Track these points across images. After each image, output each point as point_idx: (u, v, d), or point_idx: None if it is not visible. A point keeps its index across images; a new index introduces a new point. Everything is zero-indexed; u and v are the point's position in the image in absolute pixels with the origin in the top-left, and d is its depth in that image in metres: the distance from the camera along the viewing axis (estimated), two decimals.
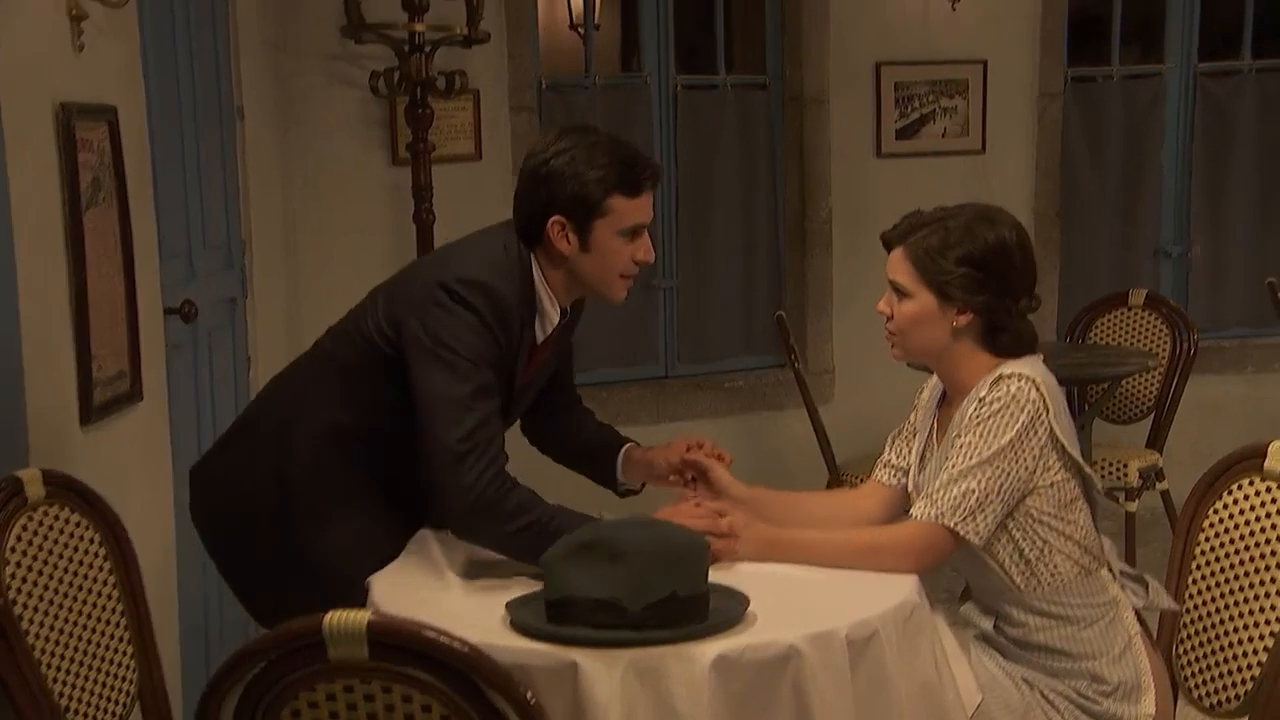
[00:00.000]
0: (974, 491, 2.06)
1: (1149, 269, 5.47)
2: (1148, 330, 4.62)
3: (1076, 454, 2.14)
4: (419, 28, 3.90)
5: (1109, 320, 4.69)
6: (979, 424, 2.09)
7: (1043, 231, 5.29)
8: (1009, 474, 2.07)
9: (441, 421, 2.10)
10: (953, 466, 2.09)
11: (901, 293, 2.15)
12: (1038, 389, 2.08)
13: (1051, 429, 2.09)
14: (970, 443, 2.09)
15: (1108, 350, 4.43)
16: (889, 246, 2.19)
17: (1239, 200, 5.44)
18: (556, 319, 2.28)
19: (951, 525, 2.07)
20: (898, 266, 2.15)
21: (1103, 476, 4.23)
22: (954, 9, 4.98)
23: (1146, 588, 2.19)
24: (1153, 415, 4.52)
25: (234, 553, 2.41)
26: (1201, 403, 5.29)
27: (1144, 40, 5.49)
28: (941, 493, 2.08)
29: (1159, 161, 5.40)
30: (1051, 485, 2.12)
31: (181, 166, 3.12)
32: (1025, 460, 2.08)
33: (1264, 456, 2.12)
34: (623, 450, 2.49)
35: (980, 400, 2.12)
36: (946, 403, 2.25)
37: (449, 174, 4.26)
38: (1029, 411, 2.07)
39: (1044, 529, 2.14)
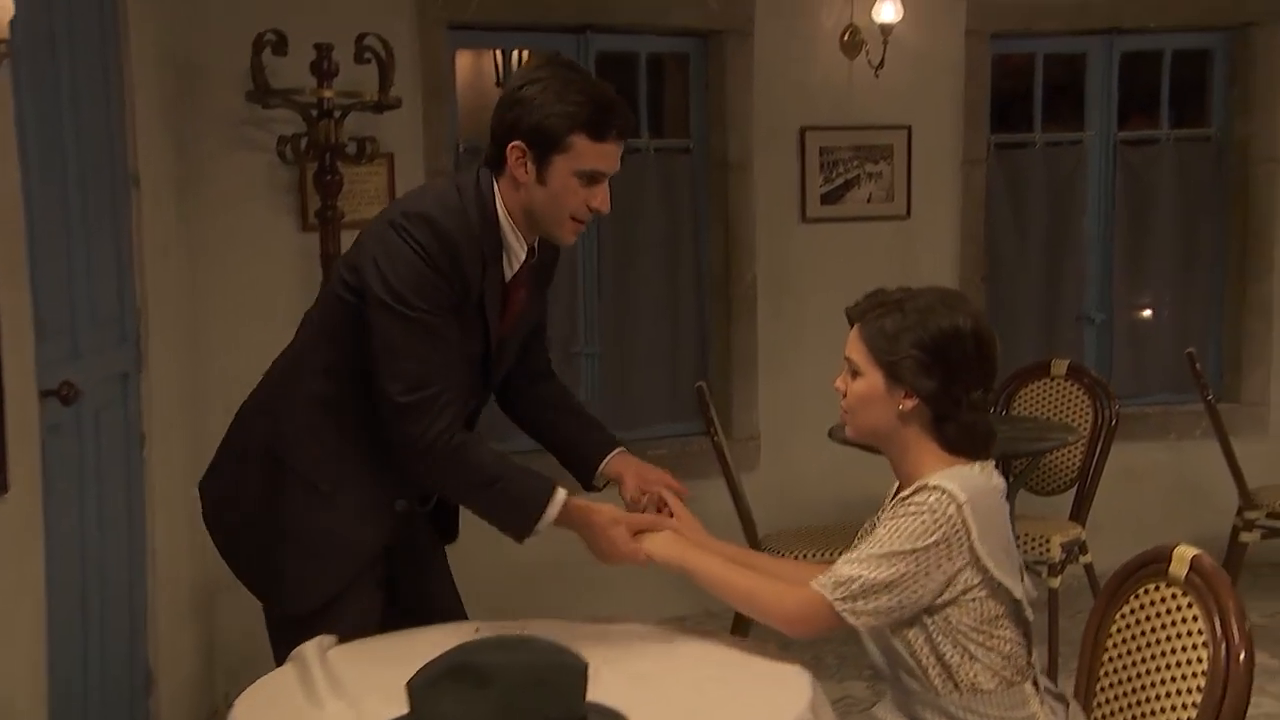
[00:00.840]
0: (861, 577, 2.02)
1: (1073, 335, 5.47)
2: (1070, 401, 4.59)
3: (1008, 579, 2.04)
4: (327, 94, 3.79)
5: (1032, 390, 4.67)
6: (892, 520, 2.05)
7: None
8: (905, 575, 2.01)
9: (385, 372, 2.12)
10: (857, 550, 2.06)
11: (855, 370, 2.11)
12: (959, 508, 2.00)
13: (974, 551, 2.01)
14: (879, 535, 2.05)
15: (1028, 423, 4.39)
16: (850, 322, 2.16)
17: (1160, 267, 5.48)
18: (523, 255, 2.26)
19: (831, 599, 2.02)
20: (854, 344, 2.12)
21: (1025, 552, 4.18)
22: (877, 75, 4.97)
23: (1067, 707, 2.11)
24: (1076, 487, 4.49)
25: (239, 543, 2.40)
26: (1126, 470, 5.28)
27: (1066, 108, 5.53)
28: (837, 569, 2.05)
29: (1081, 228, 5.42)
30: (973, 600, 2.05)
31: (66, 240, 2.99)
32: (930, 572, 2.01)
33: (1168, 561, 2.06)
34: (607, 459, 2.48)
35: (903, 499, 2.06)
36: (897, 495, 2.20)
37: None
38: (943, 531, 2.00)
39: (965, 639, 2.07)
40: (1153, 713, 2.01)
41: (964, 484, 2.03)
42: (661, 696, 1.95)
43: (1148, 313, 5.55)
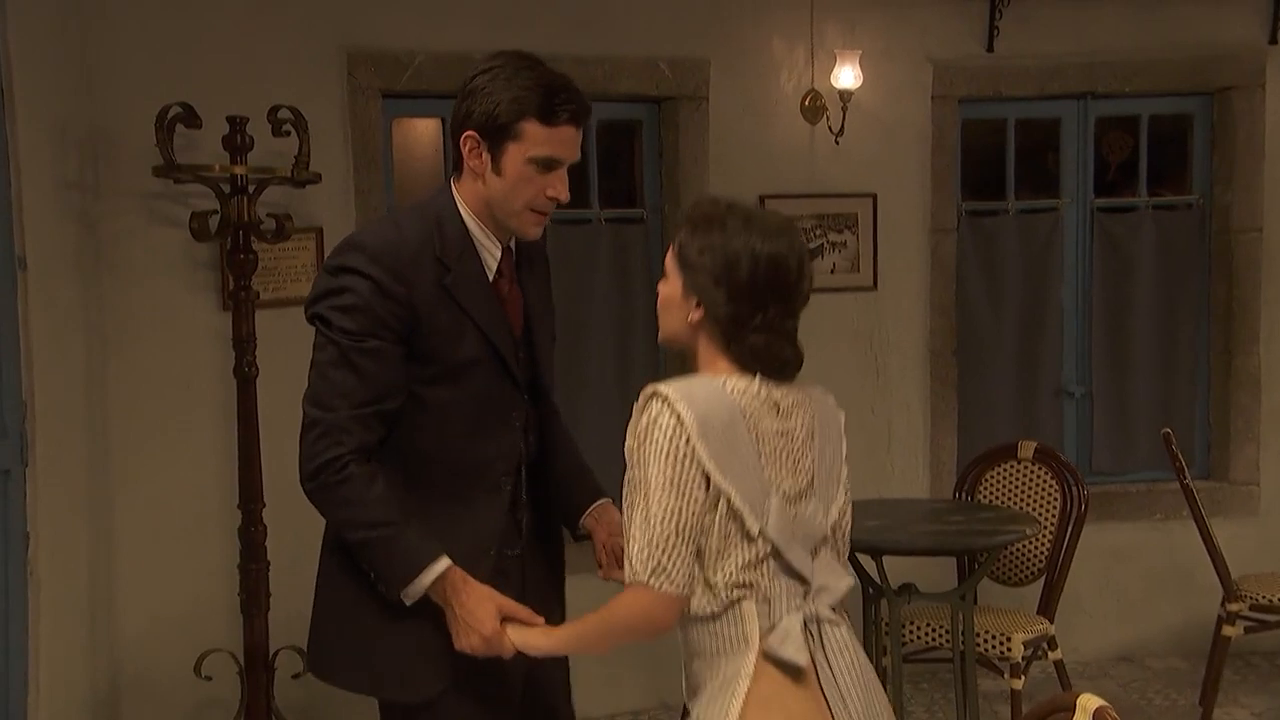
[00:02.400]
0: (650, 541, 1.91)
1: (1050, 410, 5.22)
2: (1037, 485, 4.34)
3: (726, 483, 1.92)
4: (239, 169, 3.61)
5: (998, 474, 4.42)
6: (631, 456, 1.96)
7: (939, 371, 5.05)
8: (679, 510, 1.91)
9: (308, 387, 2.12)
10: (629, 509, 1.95)
11: (665, 274, 2.09)
12: (676, 414, 1.91)
13: (696, 453, 1.91)
14: (633, 480, 1.94)
15: (987, 513, 4.13)
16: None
17: (1141, 338, 5.23)
18: (498, 252, 2.22)
19: (647, 582, 1.92)
20: (670, 248, 2.09)
21: (984, 650, 3.91)
22: (837, 143, 4.78)
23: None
24: (1044, 578, 4.22)
25: (332, 649, 2.29)
26: (1109, 550, 5.05)
27: (1039, 175, 5.32)
28: (633, 548, 1.94)
29: (1058, 298, 5.19)
30: (710, 521, 1.93)
31: None
32: (690, 491, 1.91)
33: (1073, 710, 1.82)
34: (590, 510, 2.48)
35: (636, 412, 1.96)
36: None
37: (287, 318, 3.93)
38: (670, 439, 1.91)
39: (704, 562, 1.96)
40: None
41: (687, 389, 1.95)
42: None
43: (1122, 387, 5.28)
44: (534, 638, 2.14)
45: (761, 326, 1.99)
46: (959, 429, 5.11)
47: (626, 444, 1.97)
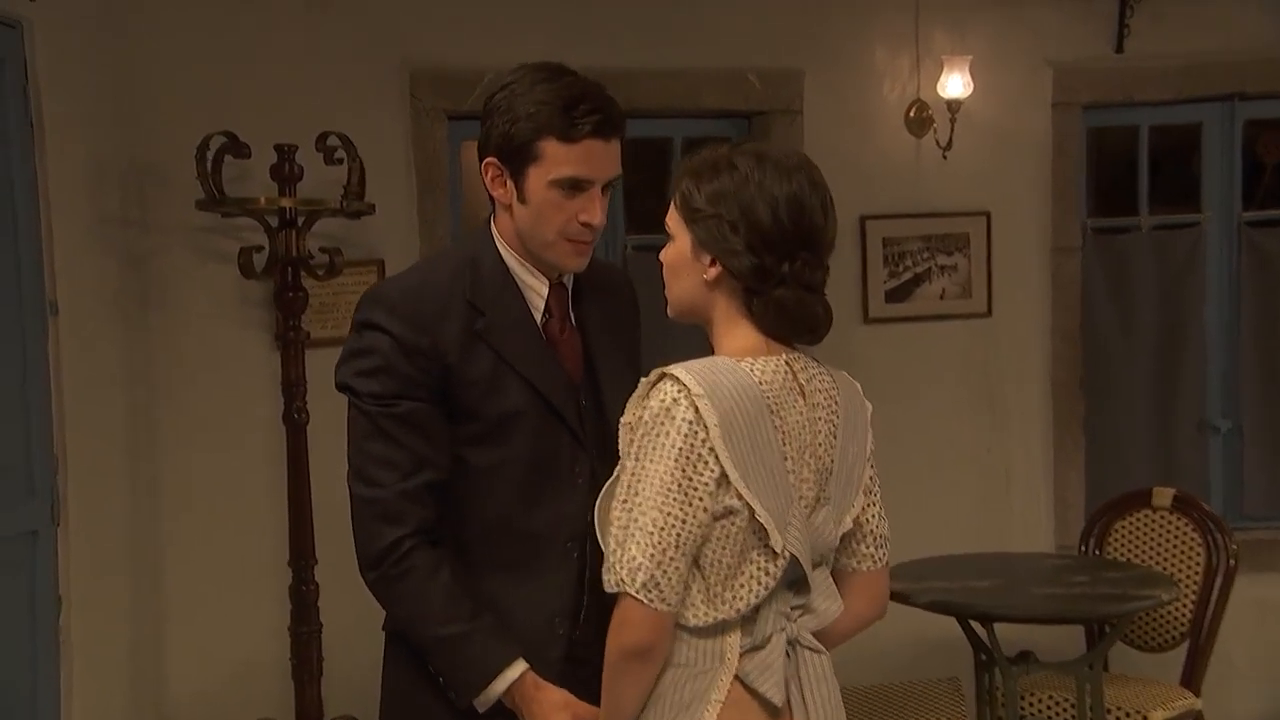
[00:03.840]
0: (639, 554, 1.64)
1: (1193, 447, 4.69)
2: (1176, 537, 3.85)
3: (750, 493, 1.66)
4: (286, 202, 3.37)
5: (1131, 524, 3.94)
6: (629, 444, 1.70)
7: (1063, 405, 4.59)
8: (682, 520, 1.64)
9: (349, 464, 1.92)
10: (621, 505, 1.66)
11: (670, 236, 1.83)
12: (692, 402, 1.65)
13: (715, 456, 1.65)
14: (632, 473, 1.66)
15: (1116, 573, 3.65)
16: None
17: None
18: (545, 290, 1.98)
19: (636, 595, 1.66)
20: (671, 208, 1.82)
21: None
22: (946, 157, 4.36)
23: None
24: (1188, 643, 3.73)
25: None
26: (1266, 604, 4.53)
27: (1177, 187, 4.81)
28: (619, 554, 1.67)
29: (1201, 322, 4.67)
30: (730, 528, 1.67)
31: None
32: (698, 498, 1.65)
33: None
34: None
35: (639, 397, 1.71)
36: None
37: None
38: (685, 436, 1.65)
39: (714, 575, 1.69)
40: None
41: (704, 372, 1.69)
42: None
43: (1275, 420, 4.72)
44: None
45: (789, 278, 1.74)
46: (1088, 470, 4.63)
47: (622, 425, 1.72)
